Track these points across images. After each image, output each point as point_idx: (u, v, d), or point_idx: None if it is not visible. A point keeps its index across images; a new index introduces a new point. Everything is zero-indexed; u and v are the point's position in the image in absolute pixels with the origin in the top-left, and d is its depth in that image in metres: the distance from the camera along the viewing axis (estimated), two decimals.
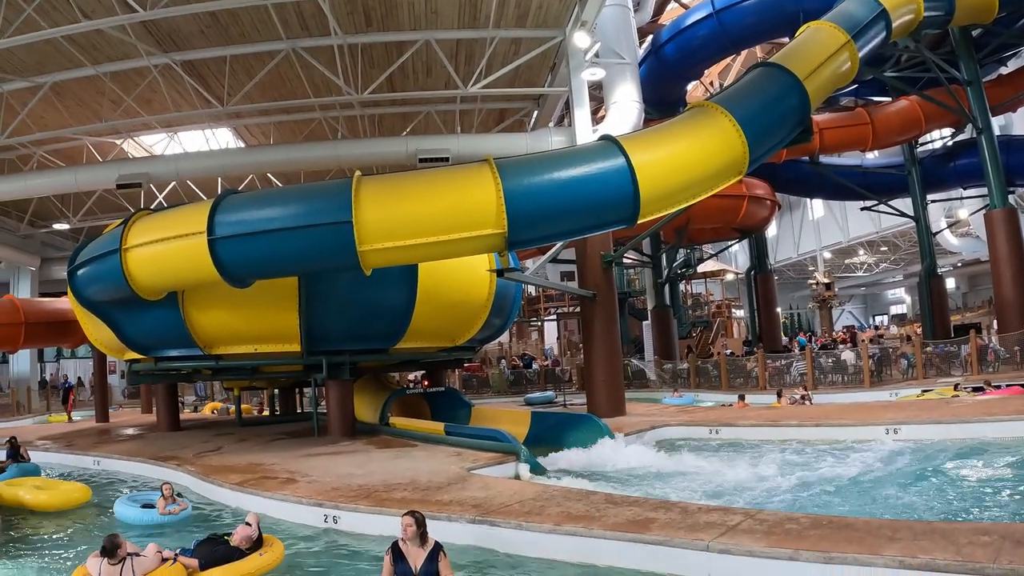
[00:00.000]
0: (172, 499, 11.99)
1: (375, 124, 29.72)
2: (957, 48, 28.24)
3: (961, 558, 6.44)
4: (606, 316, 21.41)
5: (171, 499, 11.97)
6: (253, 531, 9.07)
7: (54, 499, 13.36)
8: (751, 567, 7.33)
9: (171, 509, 11.83)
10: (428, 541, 7.22)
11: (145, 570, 8.04)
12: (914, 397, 21.89)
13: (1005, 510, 9.70)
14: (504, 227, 13.24)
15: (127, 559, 7.93)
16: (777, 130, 15.09)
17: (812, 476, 12.65)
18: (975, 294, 61.53)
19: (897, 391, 23.93)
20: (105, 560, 7.83)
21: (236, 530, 9.09)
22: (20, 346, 27.89)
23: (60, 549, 10.62)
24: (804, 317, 72.17)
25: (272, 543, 9.25)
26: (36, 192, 26.97)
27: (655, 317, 38.67)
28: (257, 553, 8.88)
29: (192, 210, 15.49)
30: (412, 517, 7.24)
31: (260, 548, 9.01)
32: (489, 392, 36.51)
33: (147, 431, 23.34)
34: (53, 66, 22.61)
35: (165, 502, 11.87)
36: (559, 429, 17.25)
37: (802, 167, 35.30)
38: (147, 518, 11.73)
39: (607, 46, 21.96)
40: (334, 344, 18.49)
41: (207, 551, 8.76)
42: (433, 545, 7.20)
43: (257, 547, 8.99)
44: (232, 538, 8.96)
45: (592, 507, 9.54)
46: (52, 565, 9.77)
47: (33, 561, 9.98)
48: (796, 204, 61.06)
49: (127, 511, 12.14)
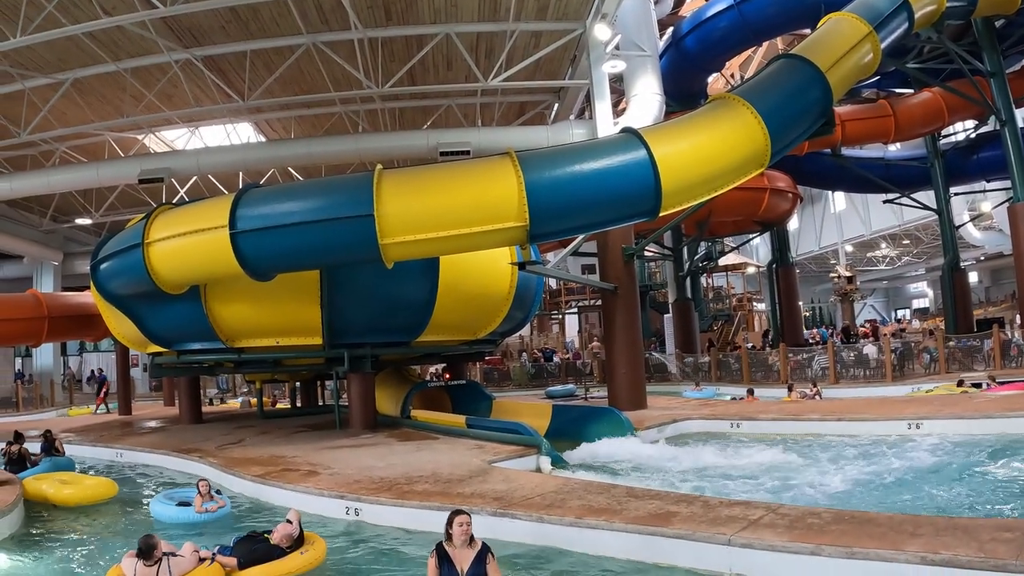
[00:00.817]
0: (209, 496, 11.53)
1: (395, 118, 29.75)
2: (980, 39, 27.96)
3: (983, 554, 6.39)
4: (627, 309, 21.36)
5: (208, 496, 11.51)
6: (294, 529, 8.78)
7: (78, 494, 13.16)
8: (773, 562, 7.31)
9: (208, 507, 11.37)
10: (475, 542, 6.83)
11: (182, 570, 7.82)
12: (924, 393, 21.75)
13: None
14: (526, 220, 13.23)
15: (163, 559, 7.71)
16: (799, 122, 15.02)
17: (834, 470, 12.59)
18: (998, 288, 61.00)
19: (919, 385, 23.78)
20: (140, 561, 7.64)
21: (276, 528, 8.80)
22: (44, 340, 28.07)
23: (82, 546, 10.53)
24: (826, 311, 71.73)
25: (314, 541, 8.98)
26: (59, 187, 27.13)
27: (676, 310, 38.54)
28: (298, 552, 8.60)
29: (214, 204, 15.56)
30: (467, 516, 6.89)
31: (301, 546, 8.72)
32: (510, 385, 36.54)
33: (169, 424, 23.51)
34: (74, 62, 22.77)
35: (202, 499, 11.43)
36: (580, 422, 17.25)
37: (824, 160, 35.08)
38: (183, 516, 11.33)
39: (627, 38, 21.90)
40: (356, 337, 18.54)
41: (246, 550, 8.50)
42: (481, 546, 6.82)
43: (298, 545, 8.71)
44: (272, 536, 8.68)
45: (613, 500, 9.54)
46: (75, 560, 9.72)
47: (54, 556, 9.91)
48: (818, 197, 60.64)
49: (162, 509, 11.74)
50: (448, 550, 6.78)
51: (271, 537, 8.67)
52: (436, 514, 9.92)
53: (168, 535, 9.42)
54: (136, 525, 11.25)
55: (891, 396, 22.70)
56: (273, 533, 8.72)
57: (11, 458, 15.68)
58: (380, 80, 22.97)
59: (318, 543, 8.96)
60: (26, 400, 34.81)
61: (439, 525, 9.71)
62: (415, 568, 8.39)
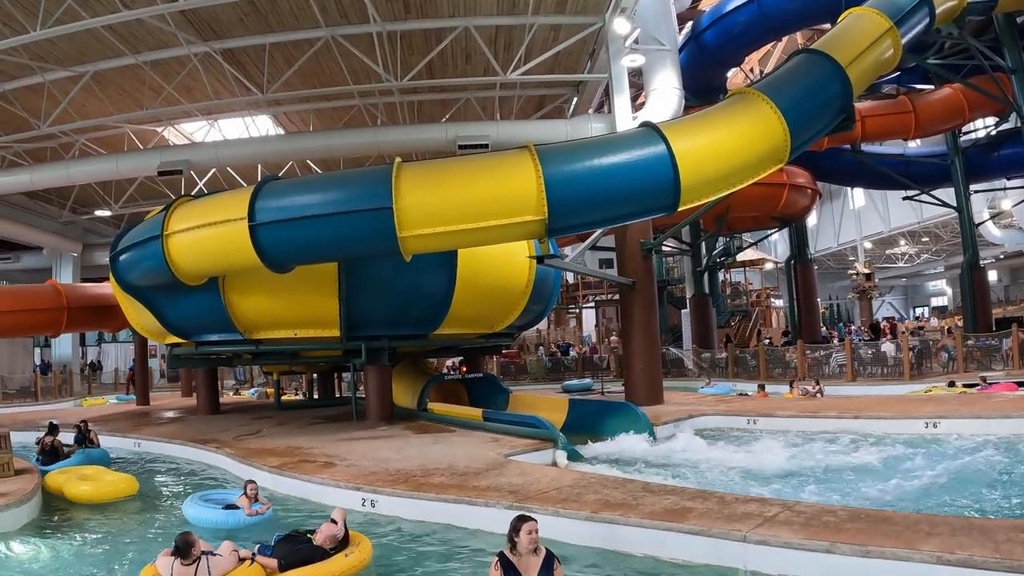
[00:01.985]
0: (256, 498, 10.90)
1: (414, 111, 29.77)
2: (1001, 35, 27.71)
3: (999, 555, 6.36)
4: (645, 304, 21.35)
5: (255, 498, 10.87)
6: (339, 529, 8.37)
7: (94, 491, 12.74)
8: (788, 559, 7.28)
9: (257, 509, 10.71)
10: (539, 549, 6.52)
11: (221, 571, 7.54)
12: (922, 393, 21.71)
13: None
14: (544, 214, 13.21)
15: (201, 559, 7.44)
16: (819, 118, 14.93)
17: (850, 468, 12.56)
18: (1017, 287, 60.71)
19: (931, 383, 23.66)
20: (177, 560, 7.37)
21: (320, 528, 8.36)
22: (63, 330, 28.20)
23: (98, 543, 10.22)
24: (844, 307, 71.51)
25: (359, 542, 8.53)
26: (78, 179, 27.27)
27: (694, 306, 38.49)
28: (342, 553, 8.19)
29: (233, 196, 15.63)
30: (535, 522, 6.54)
31: (346, 548, 8.31)
32: (527, 379, 36.66)
33: (187, 414, 23.63)
34: (94, 55, 22.91)
35: (249, 501, 10.76)
36: (597, 417, 17.24)
37: (844, 155, 34.95)
38: (233, 520, 10.49)
39: (647, 32, 21.84)
40: (373, 329, 18.61)
41: (287, 550, 8.12)
42: (546, 554, 6.55)
43: (343, 547, 8.30)
44: (315, 536, 8.27)
45: (629, 495, 9.54)
46: (87, 556, 9.51)
47: (67, 551, 9.74)
48: (837, 193, 60.47)
49: (203, 512, 10.83)
50: (512, 559, 6.46)
51: (314, 538, 8.29)
52: (452, 506, 10.00)
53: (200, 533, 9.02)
54: (156, 524, 11.13)
55: (890, 395, 22.54)
56: (316, 533, 8.32)
57: (44, 449, 15.72)
58: (399, 73, 22.99)
59: (364, 544, 8.54)
60: (44, 390, 35.04)
61: (455, 517, 9.83)
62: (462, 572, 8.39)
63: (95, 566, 9.04)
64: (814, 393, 23.15)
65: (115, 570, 8.82)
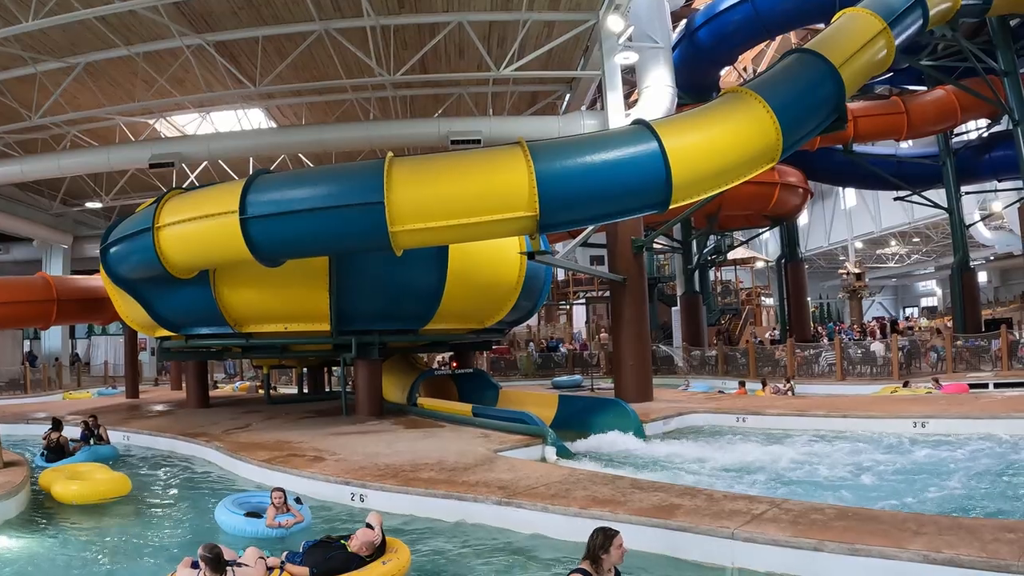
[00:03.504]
0: (284, 507, 9.95)
1: (407, 106, 29.75)
2: (995, 38, 27.81)
3: (986, 555, 6.40)
4: (635, 301, 21.39)
5: (283, 508, 9.93)
6: (376, 535, 7.77)
7: (83, 491, 11.95)
8: (775, 556, 7.32)
9: (282, 521, 9.80)
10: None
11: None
12: (881, 393, 21.96)
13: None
14: (536, 210, 13.23)
15: (227, 570, 6.89)
16: (811, 117, 14.98)
17: (839, 466, 12.59)
18: (1007, 289, 60.78)
19: (888, 384, 23.78)
20: (206, 569, 6.78)
21: (356, 533, 7.77)
22: (52, 323, 28.09)
23: (84, 544, 9.70)
24: (834, 307, 71.66)
25: (397, 548, 7.95)
26: (69, 171, 27.19)
27: (684, 303, 38.50)
28: (380, 561, 7.61)
29: (224, 190, 15.60)
30: (621, 536, 6.16)
31: (383, 555, 7.73)
32: (517, 375, 36.66)
33: (176, 407, 23.59)
34: (86, 47, 22.82)
35: (276, 511, 9.88)
36: (586, 413, 17.27)
37: (835, 155, 35.00)
38: (251, 530, 9.73)
39: (640, 30, 21.87)
40: (364, 324, 18.61)
41: (320, 557, 7.55)
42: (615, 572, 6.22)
43: (380, 554, 7.72)
44: (351, 543, 7.69)
45: (618, 491, 9.56)
46: (71, 558, 9.02)
47: (50, 549, 9.39)
48: (828, 193, 60.54)
49: (228, 518, 10.06)
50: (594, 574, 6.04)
51: (349, 544, 7.71)
52: (441, 502, 10.00)
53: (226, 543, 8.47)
54: (146, 527, 10.53)
55: (858, 394, 22.69)
56: (351, 539, 7.75)
57: (49, 445, 15.34)
58: (392, 68, 22.99)
59: (402, 550, 7.95)
60: (34, 382, 34.91)
61: (444, 513, 9.84)
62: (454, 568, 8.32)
63: (70, 569, 8.69)
64: (785, 391, 23.48)
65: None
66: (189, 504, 12.01)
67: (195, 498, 12.43)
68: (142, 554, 9.14)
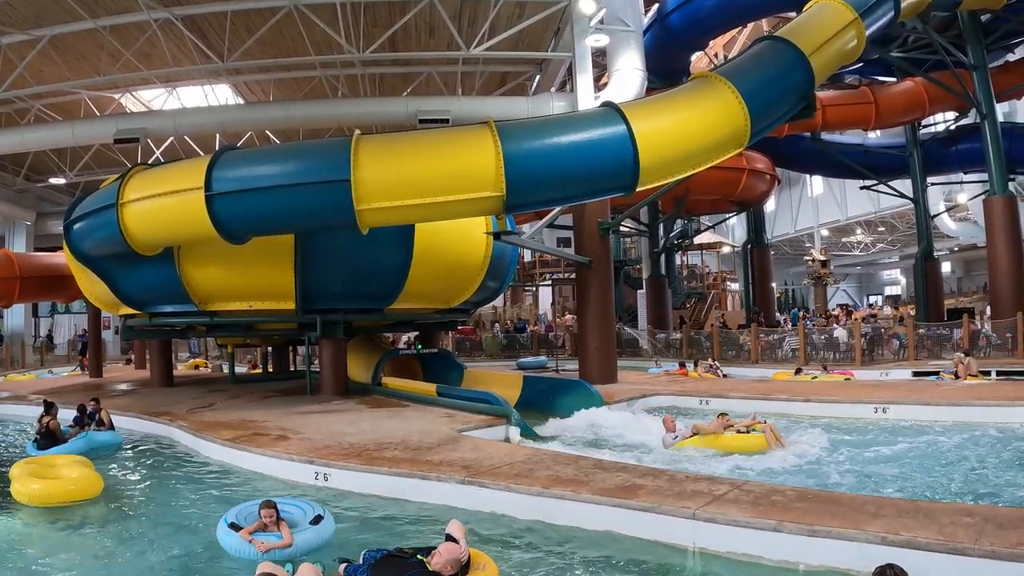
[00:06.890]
0: (275, 526, 7.93)
1: (376, 84, 29.62)
2: (965, 32, 28.12)
3: (943, 538, 6.48)
4: (601, 283, 21.44)
5: (273, 526, 7.92)
6: (463, 551, 6.49)
7: (44, 492, 10.25)
8: (736, 537, 7.36)
9: (265, 540, 7.75)
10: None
11: None
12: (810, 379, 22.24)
13: (989, 493, 9.74)
14: (503, 190, 13.20)
15: None
16: (780, 104, 15.04)
17: (799, 450, 12.68)
18: (970, 279, 61.63)
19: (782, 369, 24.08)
20: None
21: (439, 548, 6.47)
22: (15, 301, 27.82)
23: (46, 550, 8.50)
24: (799, 293, 72.26)
25: (484, 564, 6.69)
26: (33, 146, 26.92)
27: (650, 286, 38.61)
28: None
29: (190, 166, 15.41)
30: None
31: (468, 573, 6.49)
32: (482, 355, 36.80)
33: (140, 387, 23.39)
34: (52, 19, 22.49)
35: (262, 529, 7.92)
36: (550, 394, 17.36)
37: (803, 143, 35.19)
38: (231, 545, 7.95)
39: (612, 13, 21.78)
40: (329, 303, 18.53)
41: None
42: None
43: (464, 572, 6.46)
44: (432, 560, 6.38)
45: (581, 472, 9.58)
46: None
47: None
48: (795, 180, 61.01)
49: (223, 535, 8.11)
50: None
51: (430, 561, 6.40)
52: (406, 480, 9.98)
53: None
54: (112, 532, 9.12)
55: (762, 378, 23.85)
56: (433, 556, 6.42)
57: (41, 431, 14.26)
58: (361, 45, 22.84)
59: (490, 567, 6.69)
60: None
61: (407, 492, 9.83)
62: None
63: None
64: (715, 371, 24.47)
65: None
66: (161, 504, 10.35)
67: (166, 493, 10.93)
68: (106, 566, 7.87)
